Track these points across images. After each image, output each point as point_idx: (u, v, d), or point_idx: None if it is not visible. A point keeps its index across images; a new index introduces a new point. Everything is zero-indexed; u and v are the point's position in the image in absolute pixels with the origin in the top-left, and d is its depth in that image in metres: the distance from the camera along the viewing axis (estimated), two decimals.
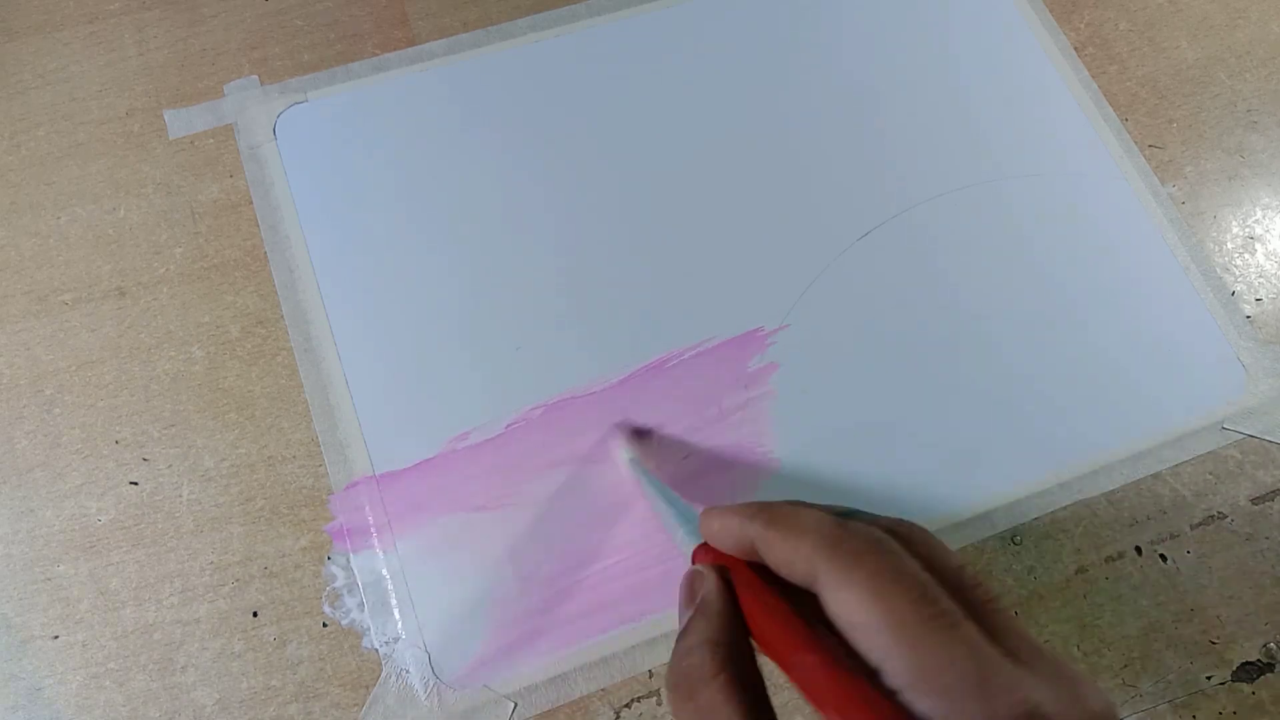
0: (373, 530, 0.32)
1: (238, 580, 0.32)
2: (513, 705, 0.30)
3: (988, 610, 0.18)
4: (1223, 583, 0.33)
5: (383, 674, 0.31)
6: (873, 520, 0.20)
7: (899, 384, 0.35)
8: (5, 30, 0.40)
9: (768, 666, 0.19)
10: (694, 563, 0.24)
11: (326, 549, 0.32)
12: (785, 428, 0.34)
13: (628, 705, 0.31)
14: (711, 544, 0.23)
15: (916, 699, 0.16)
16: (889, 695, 0.16)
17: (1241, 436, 0.35)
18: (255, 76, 0.39)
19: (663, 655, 0.31)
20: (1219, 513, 0.34)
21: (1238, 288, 0.37)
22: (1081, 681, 0.17)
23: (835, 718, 0.17)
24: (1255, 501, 0.34)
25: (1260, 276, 0.38)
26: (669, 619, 0.31)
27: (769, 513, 0.21)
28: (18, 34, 0.40)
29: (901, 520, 0.20)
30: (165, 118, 0.38)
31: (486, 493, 0.33)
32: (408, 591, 0.31)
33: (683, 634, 0.20)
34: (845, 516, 0.20)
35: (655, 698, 0.31)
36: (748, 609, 0.20)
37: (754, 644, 0.20)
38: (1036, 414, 0.35)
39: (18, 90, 0.39)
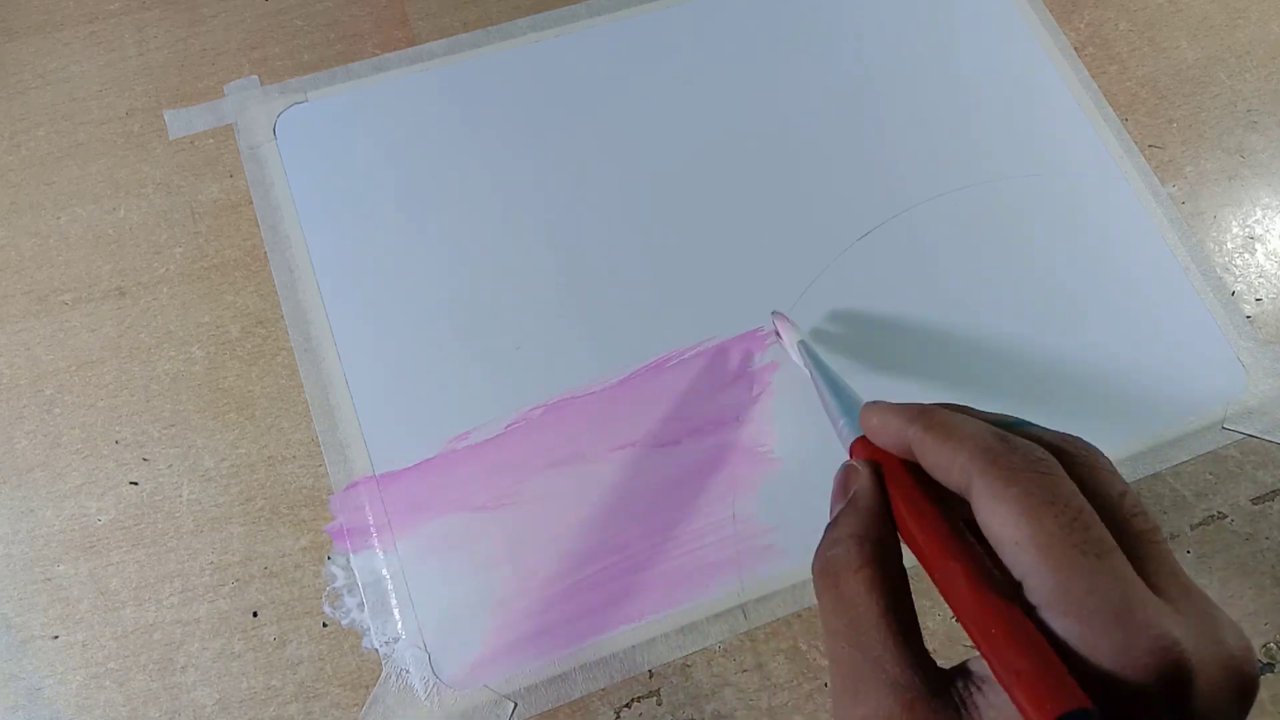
0: (373, 530, 0.32)
1: (238, 580, 0.32)
2: (513, 705, 0.30)
3: (1143, 540, 0.18)
4: (1223, 583, 0.33)
5: (383, 674, 0.31)
6: (1038, 435, 0.20)
7: (899, 384, 0.35)
8: (5, 30, 0.40)
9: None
10: (850, 456, 0.23)
11: (326, 549, 0.32)
12: (785, 428, 0.34)
13: (628, 705, 0.31)
14: (870, 439, 0.22)
15: (1054, 619, 0.16)
16: (1028, 611, 0.16)
17: (1241, 436, 0.35)
18: (255, 76, 0.39)
19: (663, 655, 0.31)
20: (1219, 513, 0.34)
21: (1238, 288, 0.37)
22: (1224, 622, 0.17)
23: (972, 627, 0.17)
24: (1255, 501, 0.34)
25: (1260, 276, 0.38)
26: (669, 619, 0.31)
27: (930, 416, 0.20)
28: (18, 34, 0.40)
29: (1070, 437, 0.20)
30: (165, 118, 0.38)
31: (486, 493, 0.33)
32: (408, 591, 0.31)
33: (832, 524, 0.21)
34: (1009, 428, 0.20)
35: (655, 698, 0.31)
36: (898, 509, 0.20)
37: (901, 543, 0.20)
38: (1036, 414, 0.34)
39: (18, 90, 0.39)
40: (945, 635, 0.32)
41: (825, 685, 0.31)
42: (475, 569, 0.32)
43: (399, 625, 0.31)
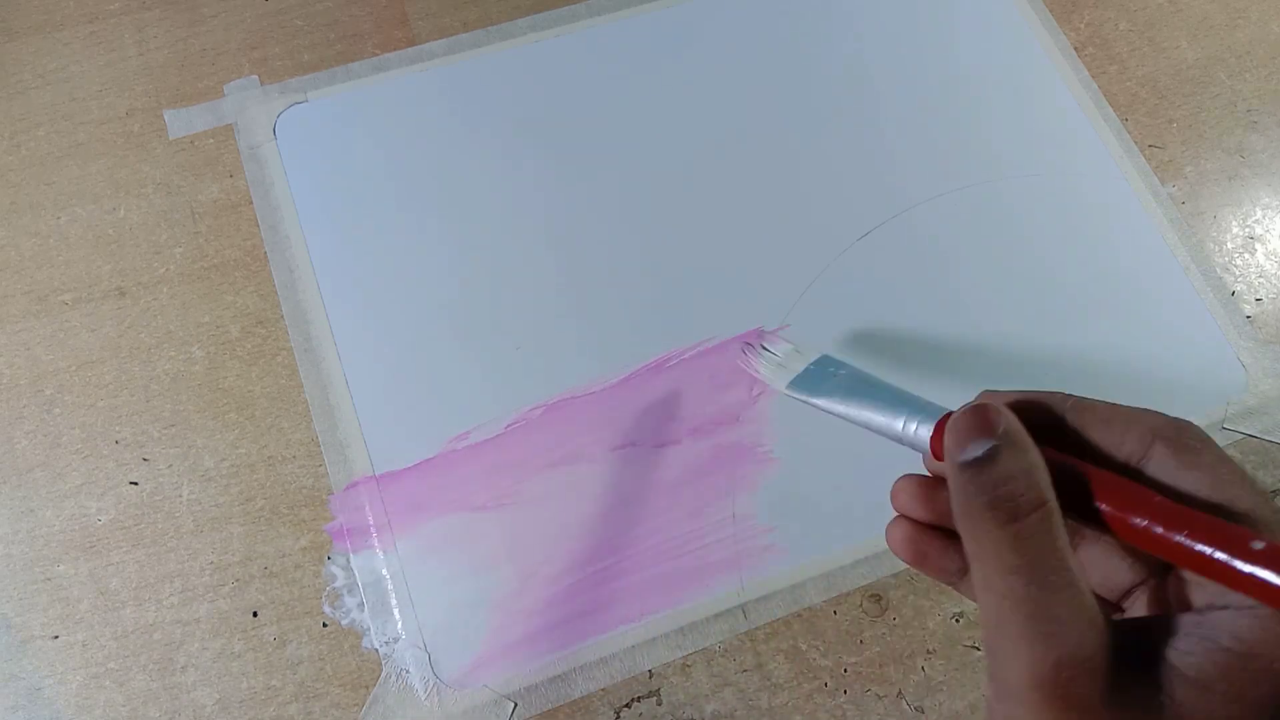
0: (373, 530, 0.32)
1: (238, 580, 0.32)
2: (513, 705, 0.30)
3: None
4: None
5: (383, 674, 0.31)
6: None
7: (899, 384, 0.35)
8: (5, 30, 0.40)
9: None
10: (932, 447, 0.22)
11: (326, 549, 0.32)
12: (785, 428, 0.34)
13: (628, 705, 0.31)
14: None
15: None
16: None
17: (1241, 436, 0.35)
18: (255, 76, 0.39)
19: (663, 655, 0.31)
20: None
21: (1238, 288, 0.37)
22: None
23: (1196, 540, 0.16)
24: None
25: (1260, 276, 0.38)
26: (669, 619, 0.31)
27: (1080, 398, 0.21)
28: (18, 34, 0.40)
29: None
30: (165, 118, 0.38)
31: (486, 493, 0.33)
32: (408, 591, 0.31)
33: (988, 461, 0.19)
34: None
35: (655, 698, 0.31)
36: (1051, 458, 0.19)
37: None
38: None
39: (18, 90, 0.39)
40: (944, 635, 0.32)
41: (826, 685, 0.31)
42: (475, 569, 0.32)
43: (399, 625, 0.31)
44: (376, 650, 0.31)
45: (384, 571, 0.32)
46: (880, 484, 0.33)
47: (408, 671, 0.30)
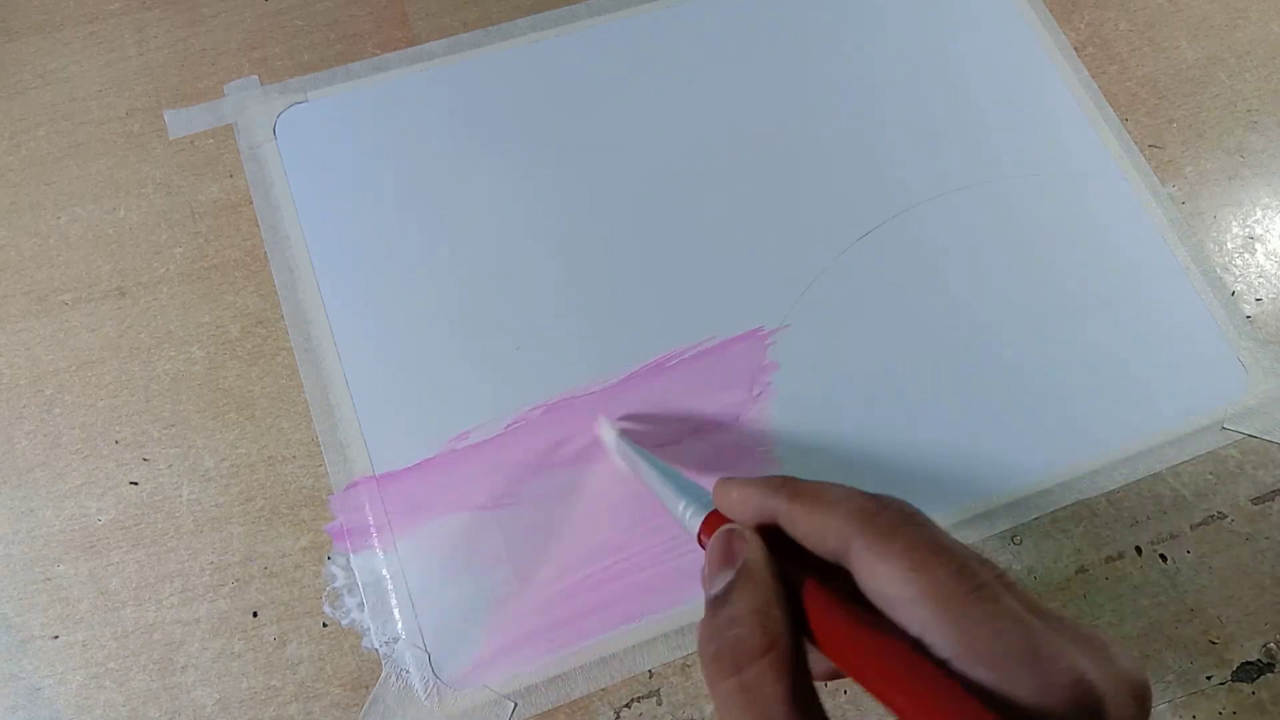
0: (373, 530, 0.32)
1: (238, 580, 0.32)
2: (513, 705, 0.30)
3: (1009, 585, 0.18)
4: (1223, 583, 0.33)
5: (383, 674, 0.31)
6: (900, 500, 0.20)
7: (899, 384, 0.35)
8: (5, 30, 0.40)
9: None
10: (701, 536, 0.23)
11: (326, 549, 0.32)
12: (785, 428, 0.34)
13: (628, 705, 0.31)
14: (726, 514, 0.22)
15: (967, 668, 0.16)
16: (939, 665, 0.16)
17: (1241, 436, 0.35)
18: (255, 76, 0.39)
19: (663, 655, 0.31)
20: (1219, 513, 0.34)
21: (1238, 288, 0.37)
22: (1112, 645, 0.17)
23: (901, 697, 0.16)
24: (1255, 501, 0.34)
25: (1260, 276, 0.38)
26: (669, 619, 0.31)
27: (793, 484, 0.20)
28: (18, 34, 0.40)
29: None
30: (165, 118, 0.38)
31: (486, 493, 0.33)
32: (408, 591, 0.31)
33: (723, 600, 0.19)
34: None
35: (655, 698, 0.31)
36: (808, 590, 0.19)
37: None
38: (1037, 414, 0.35)
39: (18, 90, 0.39)
40: None
41: (825, 685, 0.31)
42: (475, 569, 0.32)
43: (399, 625, 0.31)
44: (376, 650, 0.31)
45: (384, 571, 0.32)
46: (880, 485, 0.33)
47: (408, 671, 0.30)
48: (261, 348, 0.35)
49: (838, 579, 0.19)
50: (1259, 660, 0.32)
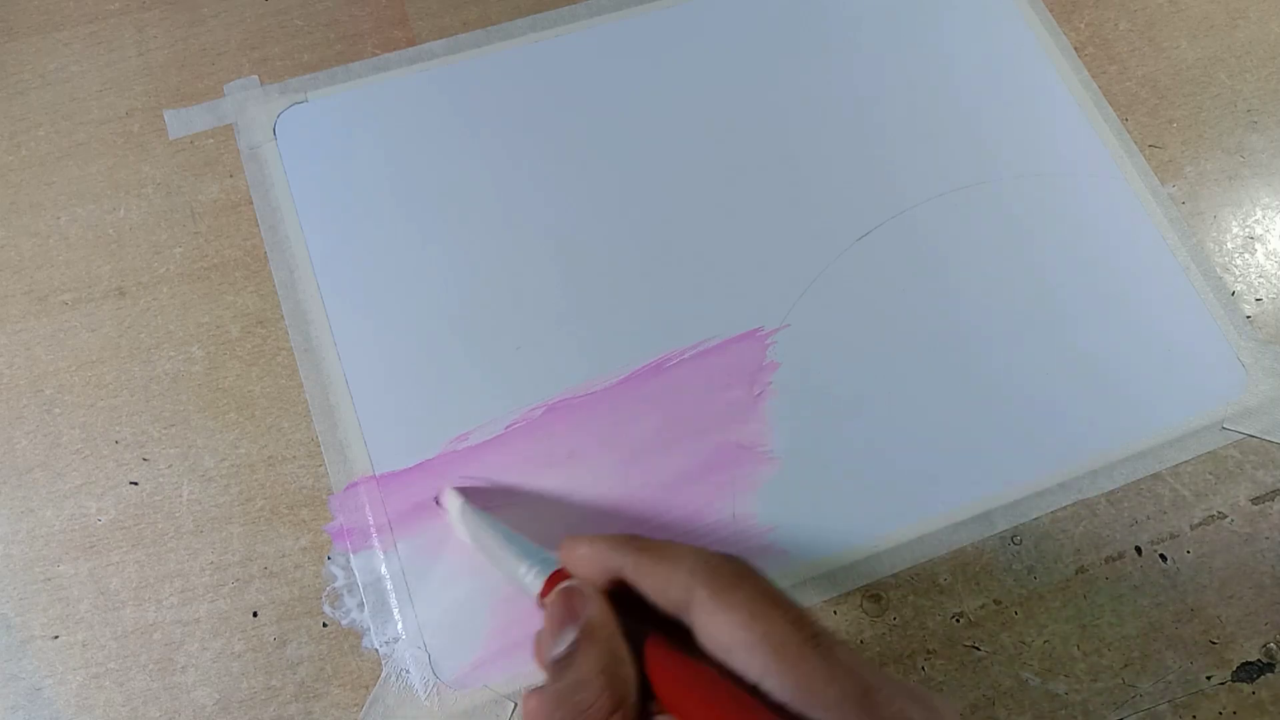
0: (373, 530, 0.32)
1: (238, 580, 0.32)
2: (513, 705, 0.30)
3: (840, 641, 0.19)
4: (1223, 583, 0.33)
5: (383, 674, 0.31)
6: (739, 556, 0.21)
7: (899, 384, 0.35)
8: (5, 30, 0.40)
9: None
10: (544, 595, 0.23)
11: (326, 549, 0.32)
12: (785, 428, 0.34)
13: None
14: (572, 572, 0.22)
15: (804, 711, 0.17)
16: (776, 709, 0.17)
17: (1241, 436, 0.35)
18: (255, 76, 0.39)
19: None
20: (1219, 513, 0.34)
21: (1238, 288, 0.37)
22: (936, 699, 0.18)
23: None
24: (1255, 501, 0.34)
25: (1260, 276, 0.38)
26: None
27: (639, 540, 0.21)
28: (18, 34, 0.40)
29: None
30: (165, 118, 0.38)
31: (486, 493, 0.33)
32: (408, 591, 0.31)
33: (566, 662, 0.19)
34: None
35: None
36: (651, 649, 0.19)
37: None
38: (1036, 414, 0.35)
39: (18, 90, 0.39)
40: (944, 635, 0.32)
41: None
42: (475, 569, 0.32)
43: (399, 625, 0.31)
44: (376, 650, 0.31)
45: (384, 571, 0.32)
46: (880, 485, 0.33)
47: (408, 671, 0.30)
48: (261, 348, 0.35)
49: (681, 636, 0.19)
50: (1259, 660, 0.32)
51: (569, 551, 0.22)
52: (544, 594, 0.23)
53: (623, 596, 0.21)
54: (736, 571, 0.19)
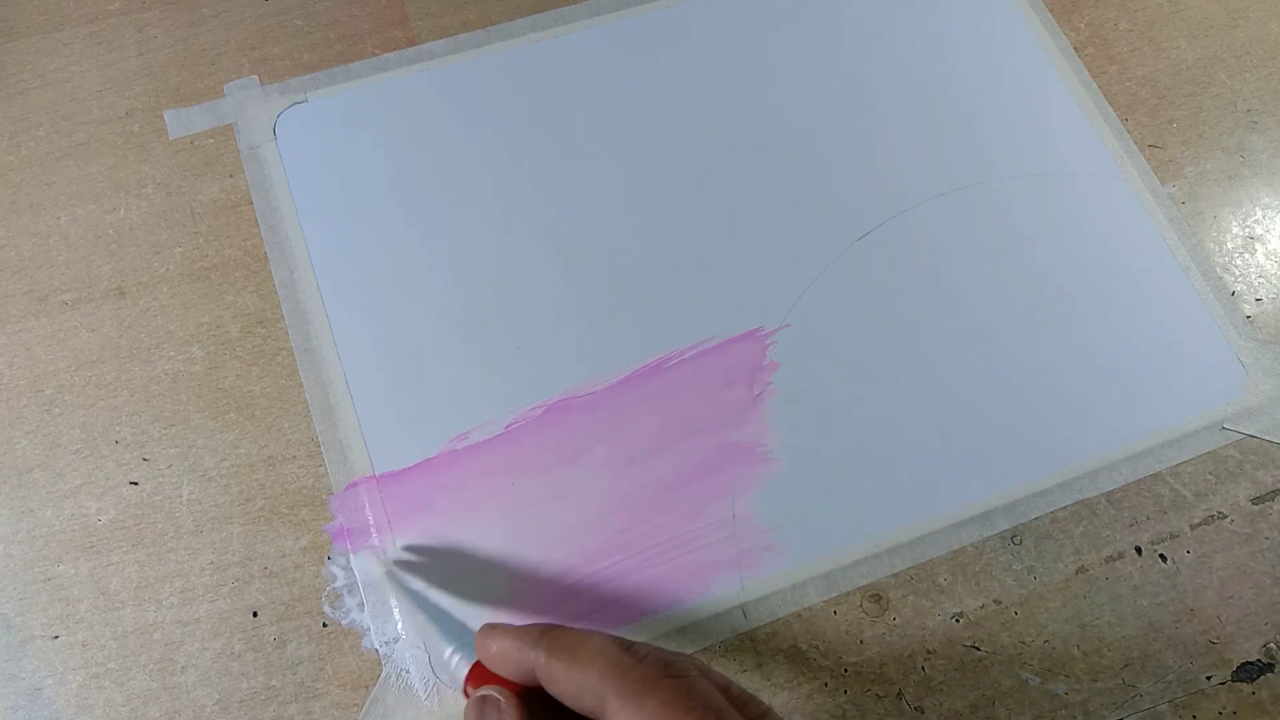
0: (373, 530, 0.32)
1: (238, 580, 0.32)
2: None
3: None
4: (1223, 583, 0.33)
5: (383, 674, 0.31)
6: (657, 650, 0.20)
7: (899, 384, 0.35)
8: (5, 30, 0.40)
9: None
10: (468, 687, 0.22)
11: (326, 549, 0.32)
12: (785, 428, 0.34)
13: None
14: (488, 667, 0.21)
15: None
16: None
17: (1241, 436, 0.35)
18: (255, 76, 0.39)
19: None
20: (1219, 513, 0.34)
21: (1238, 288, 0.37)
22: None
23: None
24: (1255, 501, 0.34)
25: (1260, 276, 0.38)
26: (668, 619, 0.31)
27: (551, 637, 0.20)
28: (18, 34, 0.40)
29: (676, 653, 0.20)
30: (165, 118, 0.38)
31: (486, 493, 0.33)
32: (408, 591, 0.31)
33: None
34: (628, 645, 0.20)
35: None
36: None
37: None
38: (1036, 414, 0.35)
39: (18, 90, 0.39)
40: (944, 635, 0.32)
41: (826, 684, 0.31)
42: (475, 569, 0.32)
43: (399, 625, 0.31)
44: (376, 650, 0.31)
45: (384, 571, 0.32)
46: (880, 485, 0.33)
47: (408, 671, 0.30)
48: (261, 348, 0.35)
49: None
50: (1259, 660, 0.32)
51: (483, 648, 0.22)
52: (466, 685, 0.23)
53: (540, 694, 0.20)
54: (648, 673, 0.18)
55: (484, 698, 0.21)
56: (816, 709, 0.31)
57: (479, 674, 0.22)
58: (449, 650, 0.24)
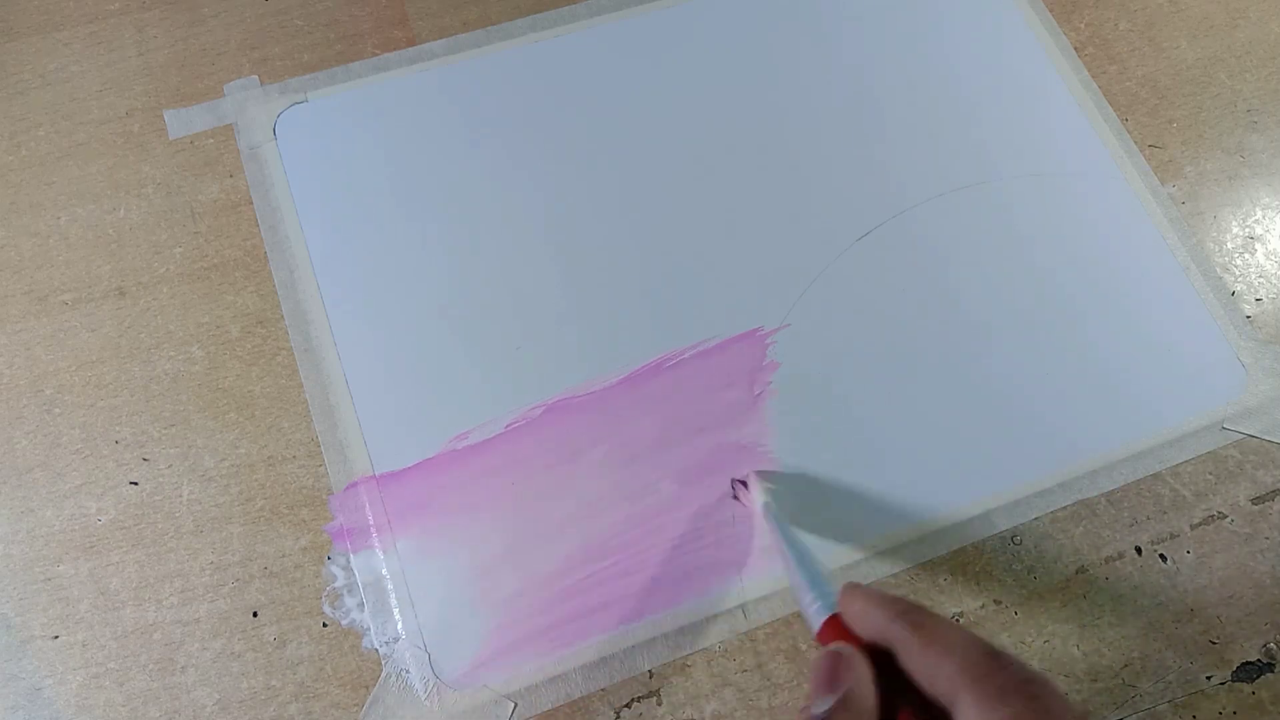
0: (373, 530, 0.32)
1: (238, 580, 0.32)
2: (513, 705, 0.30)
3: None
4: (1223, 583, 0.33)
5: (383, 674, 0.31)
6: (1021, 662, 0.20)
7: (899, 384, 0.35)
8: (5, 30, 0.40)
9: None
10: (817, 636, 0.23)
11: (326, 549, 0.32)
12: (785, 428, 0.34)
13: (628, 705, 0.31)
14: (847, 622, 0.22)
15: None
16: None
17: (1241, 436, 0.35)
18: (255, 76, 0.39)
19: (663, 655, 0.31)
20: (1219, 513, 0.34)
21: (1238, 288, 0.37)
22: None
23: None
24: (1255, 501, 0.34)
25: (1260, 276, 0.38)
26: (669, 619, 0.31)
27: (917, 614, 0.20)
28: (18, 34, 0.40)
29: (1039, 671, 0.20)
30: (165, 118, 0.38)
31: (486, 493, 0.33)
32: (408, 591, 0.31)
33: None
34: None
35: (655, 698, 0.31)
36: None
37: None
38: (1037, 414, 0.35)
39: (18, 90, 0.39)
40: None
41: None
42: (475, 569, 0.32)
43: (399, 625, 0.31)
44: (376, 650, 0.31)
45: (384, 571, 0.32)
46: (880, 484, 0.33)
47: (408, 671, 0.30)
48: (261, 348, 0.35)
49: (943, 716, 0.19)
50: (1259, 660, 0.32)
51: (847, 604, 0.22)
52: (820, 637, 0.23)
53: (884, 663, 0.20)
54: (1007, 683, 0.18)
55: (835, 654, 0.21)
56: None
57: (833, 626, 0.22)
58: (809, 597, 0.24)
